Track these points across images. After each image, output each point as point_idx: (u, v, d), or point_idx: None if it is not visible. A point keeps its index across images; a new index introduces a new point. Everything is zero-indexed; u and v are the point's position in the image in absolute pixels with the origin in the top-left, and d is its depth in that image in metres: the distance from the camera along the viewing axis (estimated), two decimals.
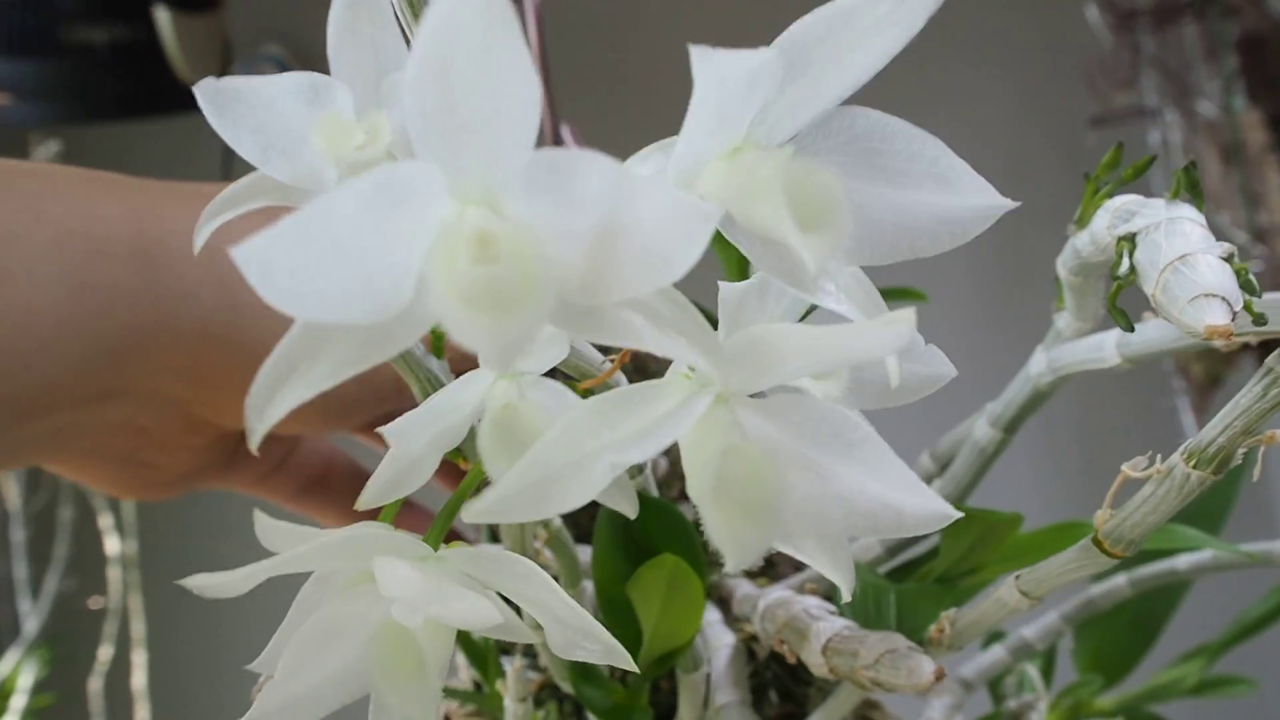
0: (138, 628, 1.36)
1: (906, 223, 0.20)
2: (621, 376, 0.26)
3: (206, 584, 0.21)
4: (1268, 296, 0.28)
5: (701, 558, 0.35)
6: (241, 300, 0.36)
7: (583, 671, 0.38)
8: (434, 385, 0.26)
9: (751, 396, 0.20)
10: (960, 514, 0.20)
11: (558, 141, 0.55)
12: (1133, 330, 0.27)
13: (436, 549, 0.23)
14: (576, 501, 0.19)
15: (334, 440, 0.49)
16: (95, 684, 1.35)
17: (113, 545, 1.37)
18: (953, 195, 0.20)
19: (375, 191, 0.16)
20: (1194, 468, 0.27)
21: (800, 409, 0.20)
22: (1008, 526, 0.38)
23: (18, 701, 1.28)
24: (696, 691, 0.37)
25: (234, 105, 0.26)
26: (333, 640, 0.22)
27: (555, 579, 0.32)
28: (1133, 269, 0.26)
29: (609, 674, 0.39)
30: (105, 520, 1.36)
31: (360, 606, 0.22)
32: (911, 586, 0.39)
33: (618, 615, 0.36)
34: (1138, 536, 0.29)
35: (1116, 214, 0.29)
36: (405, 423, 0.24)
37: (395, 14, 0.26)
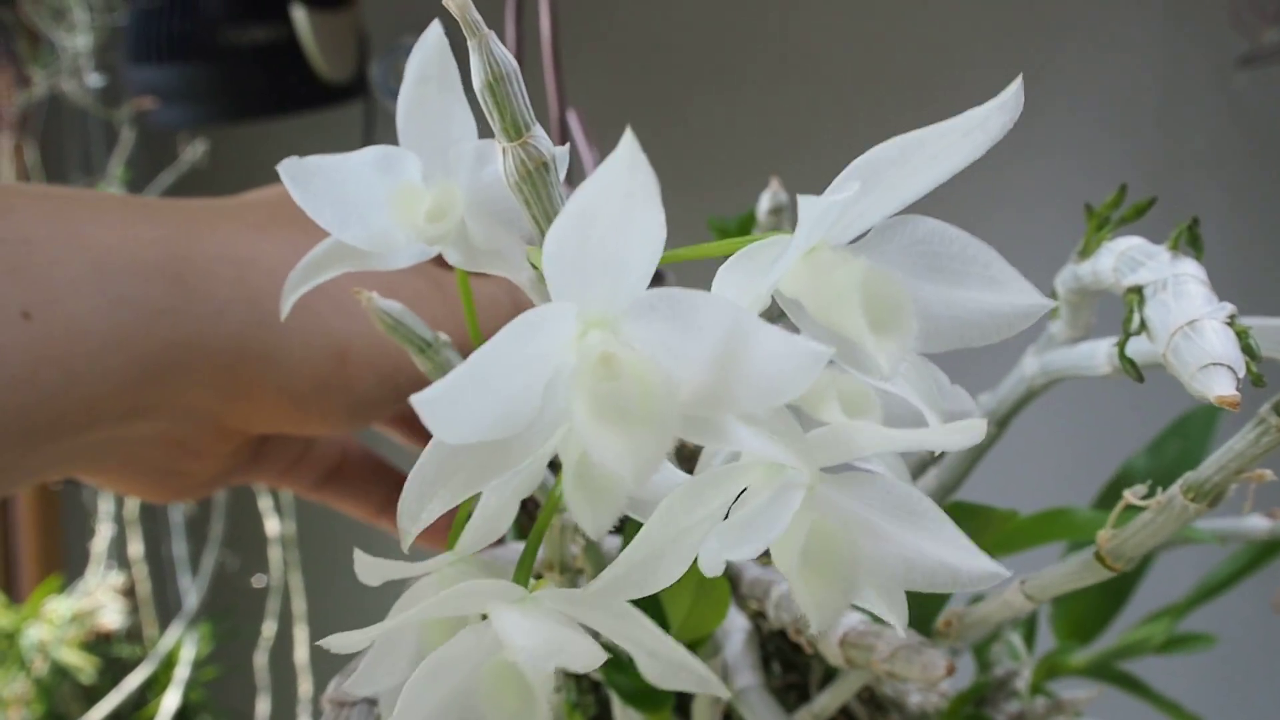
0: (299, 604, 1.40)
1: (961, 318, 0.23)
2: None
3: (336, 643, 0.23)
4: (1259, 323, 0.31)
5: None
6: (271, 316, 0.38)
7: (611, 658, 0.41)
8: None
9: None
10: (1009, 573, 0.23)
11: (564, 128, 0.56)
12: (1142, 381, 0.30)
13: (528, 588, 0.26)
14: (677, 573, 0.22)
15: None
16: (260, 658, 1.39)
17: (272, 526, 1.40)
18: (1002, 295, 0.22)
19: (519, 329, 0.19)
20: (1191, 500, 0.30)
21: (873, 485, 0.22)
22: (1001, 521, 0.41)
23: (180, 673, 1.32)
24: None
25: (315, 179, 0.27)
26: (440, 680, 0.24)
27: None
28: (1143, 324, 0.29)
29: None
30: (265, 503, 1.39)
31: (464, 648, 0.24)
32: None
33: (644, 609, 0.39)
34: (1136, 554, 0.32)
35: (1122, 258, 0.32)
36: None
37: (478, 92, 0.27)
